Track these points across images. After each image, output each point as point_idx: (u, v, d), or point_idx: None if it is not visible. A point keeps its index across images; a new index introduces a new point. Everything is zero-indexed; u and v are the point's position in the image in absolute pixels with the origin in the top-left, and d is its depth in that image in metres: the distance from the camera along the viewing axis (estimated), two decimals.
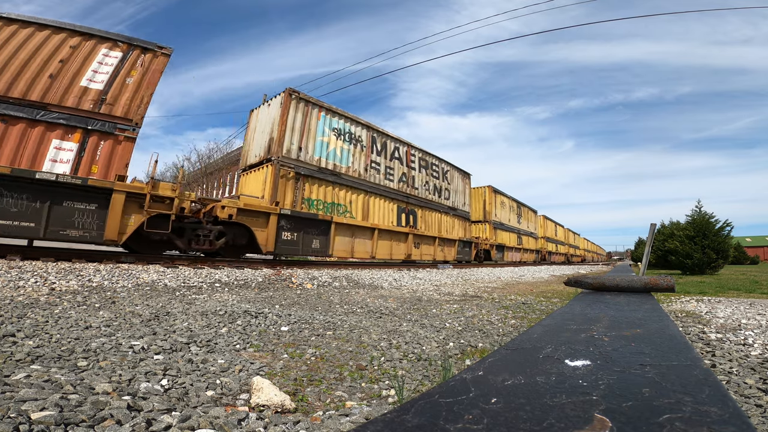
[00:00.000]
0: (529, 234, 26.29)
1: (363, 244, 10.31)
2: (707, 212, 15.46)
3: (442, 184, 15.17)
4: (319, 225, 8.99)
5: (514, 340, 1.28)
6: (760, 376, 1.91)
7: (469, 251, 16.31)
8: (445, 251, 14.37)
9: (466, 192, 17.12)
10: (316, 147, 9.56)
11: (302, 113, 9.25)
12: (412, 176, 13.21)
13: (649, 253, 6.47)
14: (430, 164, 14.45)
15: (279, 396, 1.44)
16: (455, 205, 15.99)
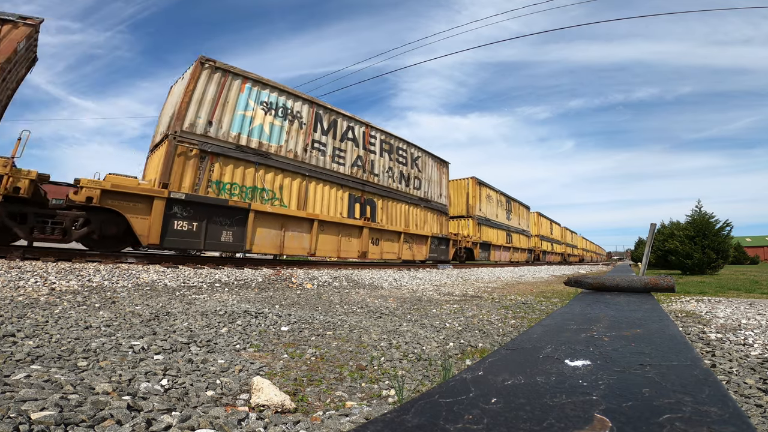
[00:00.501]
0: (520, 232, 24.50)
1: (298, 238, 8.58)
2: (707, 212, 15.48)
3: (411, 171, 13.09)
4: (231, 214, 7.35)
5: (514, 340, 1.28)
6: (760, 376, 1.91)
7: (445, 249, 14.35)
8: (414, 249, 12.42)
9: (442, 183, 15.00)
10: (235, 122, 8.01)
11: (217, 84, 7.81)
12: (370, 160, 11.18)
13: (649, 253, 6.47)
14: (395, 148, 12.45)
15: (279, 396, 1.44)
16: (428, 197, 13.90)
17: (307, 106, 9.72)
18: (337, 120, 10.46)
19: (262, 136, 8.51)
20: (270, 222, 8.10)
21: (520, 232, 24.74)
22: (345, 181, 10.37)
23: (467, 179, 18.60)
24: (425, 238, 13.13)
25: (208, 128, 7.54)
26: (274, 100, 8.95)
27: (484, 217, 19.12)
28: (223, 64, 8.04)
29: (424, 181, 13.91)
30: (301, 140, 9.39)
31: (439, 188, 14.87)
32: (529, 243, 26.34)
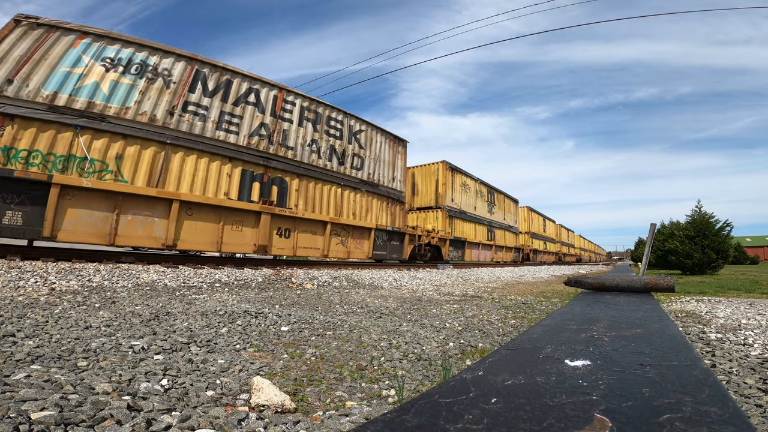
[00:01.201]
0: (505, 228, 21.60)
1: (146, 224, 6.58)
2: (707, 212, 15.48)
3: (349, 147, 10.62)
4: (22, 188, 5.55)
5: (514, 340, 1.28)
6: (760, 376, 1.91)
7: (399, 246, 11.66)
8: (350, 245, 9.84)
9: (397, 164, 12.30)
10: (52, 80, 6.51)
11: (34, 40, 6.51)
12: (282, 130, 8.96)
13: (649, 253, 6.47)
14: (324, 118, 10.10)
15: (279, 396, 1.44)
16: (375, 179, 11.33)
17: (183, 63, 7.97)
18: (231, 81, 8.51)
19: (95, 95, 6.82)
20: (94, 201, 6.12)
21: (506, 228, 21.74)
22: (237, 153, 8.21)
23: (437, 164, 15.37)
24: (367, 231, 10.30)
25: (5, 87, 6.06)
26: (127, 55, 7.37)
27: (458, 209, 16.07)
28: (52, 20, 6.70)
29: (369, 161, 11.17)
30: (165, 101, 7.53)
31: (392, 170, 12.00)
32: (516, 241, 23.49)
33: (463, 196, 16.89)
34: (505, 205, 22.33)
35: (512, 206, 23.58)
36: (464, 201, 16.92)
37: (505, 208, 22.29)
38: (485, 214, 19.16)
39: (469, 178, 17.68)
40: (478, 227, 18.08)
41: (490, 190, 20.11)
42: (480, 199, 18.68)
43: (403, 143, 12.99)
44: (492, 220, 19.95)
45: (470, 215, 17.39)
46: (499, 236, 20.66)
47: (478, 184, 18.62)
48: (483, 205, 19.03)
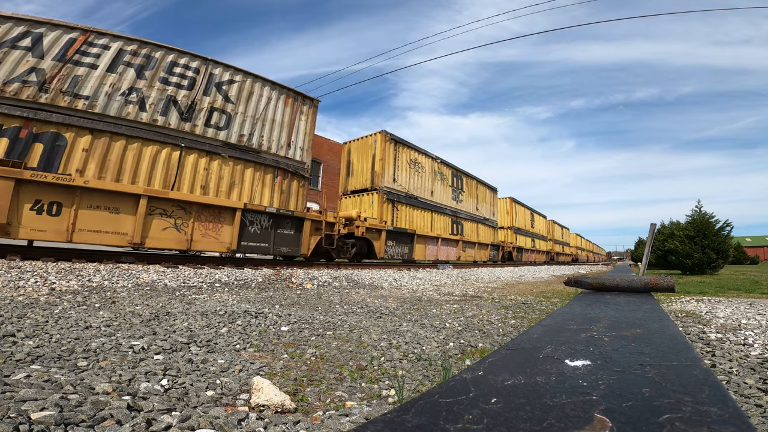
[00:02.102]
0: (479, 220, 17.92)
1: None
2: (707, 212, 15.49)
3: (205, 99, 8.08)
4: None
5: (514, 340, 1.28)
6: (760, 376, 1.91)
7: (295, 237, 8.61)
8: (194, 230, 7.11)
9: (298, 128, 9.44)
10: None
11: None
12: (73, 76, 6.69)
13: (649, 253, 6.47)
14: (162, 64, 7.69)
15: (279, 396, 1.44)
16: (255, 144, 8.55)
17: None
18: None
19: None
20: None
21: (479, 221, 18.19)
22: None
23: (375, 135, 12.11)
24: (229, 213, 7.52)
25: None
26: None
27: (404, 193, 12.63)
28: None
29: (243, 119, 8.47)
30: None
31: (288, 134, 9.10)
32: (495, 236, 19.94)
33: (414, 177, 13.35)
34: (479, 192, 18.43)
35: (489, 195, 19.78)
36: (415, 183, 13.37)
37: (479, 196, 18.42)
38: (448, 201, 15.45)
39: (422, 156, 13.95)
40: (437, 217, 14.49)
41: (456, 174, 16.22)
42: (441, 183, 14.98)
43: (309, 102, 9.66)
44: (458, 210, 16.09)
45: (425, 202, 13.71)
46: (469, 230, 16.89)
47: (437, 164, 14.82)
48: (445, 190, 15.21)
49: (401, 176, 12.87)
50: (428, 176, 14.47)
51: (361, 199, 12.34)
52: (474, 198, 18.20)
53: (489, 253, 18.84)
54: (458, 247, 15.73)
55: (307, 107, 9.90)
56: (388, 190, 12.10)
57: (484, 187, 19.62)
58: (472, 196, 18.07)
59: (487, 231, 19.21)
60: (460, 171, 16.96)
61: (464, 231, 16.62)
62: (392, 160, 12.47)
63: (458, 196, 16.65)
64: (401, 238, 12.18)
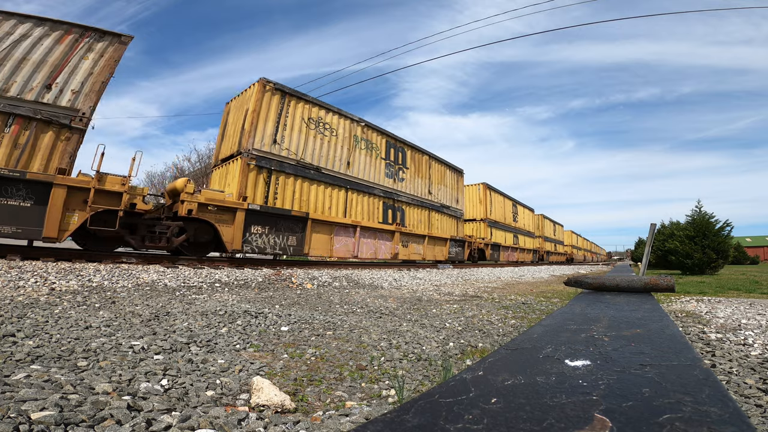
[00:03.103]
0: (431, 206, 13.89)
1: None
2: (707, 212, 15.49)
3: None
4: None
5: (514, 340, 1.28)
6: (760, 376, 1.91)
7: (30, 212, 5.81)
8: None
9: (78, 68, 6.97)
10: None
11: None
12: None
13: (649, 253, 6.47)
14: None
15: (279, 396, 1.44)
16: None
17: None
18: None
19: None
20: None
21: (435, 208, 14.11)
22: None
23: (253, 86, 8.97)
24: None
25: None
26: None
27: (294, 161, 9.12)
28: None
29: None
30: None
31: (45, 74, 6.67)
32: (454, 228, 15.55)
33: (316, 142, 9.70)
34: (433, 172, 14.49)
35: (451, 178, 15.75)
36: (316, 150, 9.68)
37: (433, 177, 14.46)
38: (380, 179, 11.66)
39: (333, 115, 10.32)
40: (358, 199, 10.68)
41: (394, 145, 12.49)
42: (368, 154, 11.29)
43: (110, 38, 7.36)
44: (397, 192, 12.24)
45: (334, 176, 10.04)
46: (414, 219, 12.97)
47: (361, 129, 11.07)
48: (374, 164, 11.52)
49: (291, 138, 9.09)
50: (343, 143, 10.47)
51: (227, 169, 8.98)
52: (425, 178, 13.89)
53: (446, 249, 14.51)
54: (394, 240, 11.49)
55: (104, 44, 7.38)
56: (260, 155, 8.38)
57: (442, 166, 15.04)
58: (422, 175, 13.74)
59: (446, 222, 14.97)
60: (401, 142, 12.84)
61: (406, 219, 12.43)
62: (273, 116, 8.84)
63: (397, 173, 12.44)
64: (283, 223, 8.47)
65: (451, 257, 15.05)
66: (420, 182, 13.73)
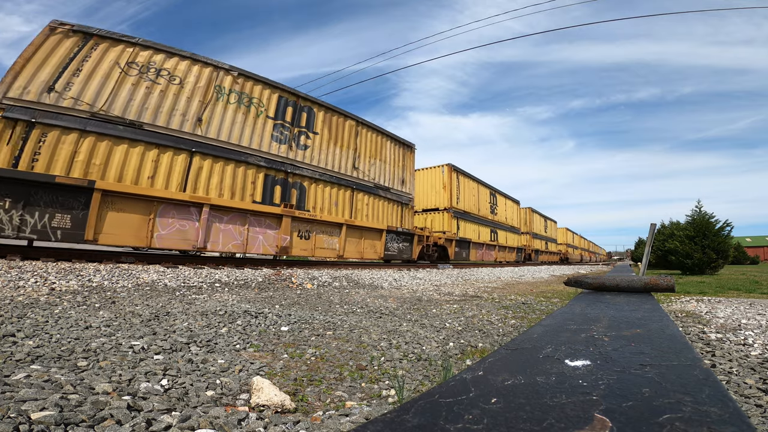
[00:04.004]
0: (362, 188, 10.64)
1: None
2: (707, 212, 15.50)
3: None
4: None
5: (514, 340, 1.28)
6: (760, 376, 1.91)
7: None
8: None
9: None
10: None
11: None
12: None
13: (649, 253, 6.47)
14: None
15: (279, 396, 1.44)
16: None
17: None
18: None
19: None
20: None
21: (364, 189, 10.72)
22: None
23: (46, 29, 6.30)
24: None
25: None
26: None
27: (91, 116, 6.45)
28: None
29: None
30: None
31: None
32: (400, 219, 12.00)
33: (137, 93, 7.07)
34: (361, 142, 10.97)
35: (392, 152, 12.12)
36: (136, 101, 6.99)
37: (362, 149, 10.93)
38: (265, 145, 8.54)
39: (181, 60, 7.67)
40: (219, 168, 7.68)
41: (294, 103, 9.26)
42: (245, 112, 8.36)
43: None
44: (297, 163, 9.02)
45: (169, 135, 7.21)
46: (321, 199, 9.46)
47: (233, 79, 8.28)
48: (255, 125, 8.47)
49: (87, 86, 6.58)
50: (193, 94, 7.72)
51: None
52: (347, 149, 10.46)
53: (382, 244, 10.84)
54: (283, 228, 8.19)
55: None
56: (14, 104, 5.92)
57: (378, 135, 11.63)
58: (343, 145, 10.36)
59: (383, 208, 11.40)
60: (307, 100, 9.66)
61: (308, 200, 9.14)
62: (57, 60, 6.46)
63: (296, 138, 9.19)
64: (43, 195, 5.78)
65: (390, 254, 11.25)
66: (339, 153, 10.16)
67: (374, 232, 10.83)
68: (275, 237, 8.24)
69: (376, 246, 10.84)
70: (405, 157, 12.91)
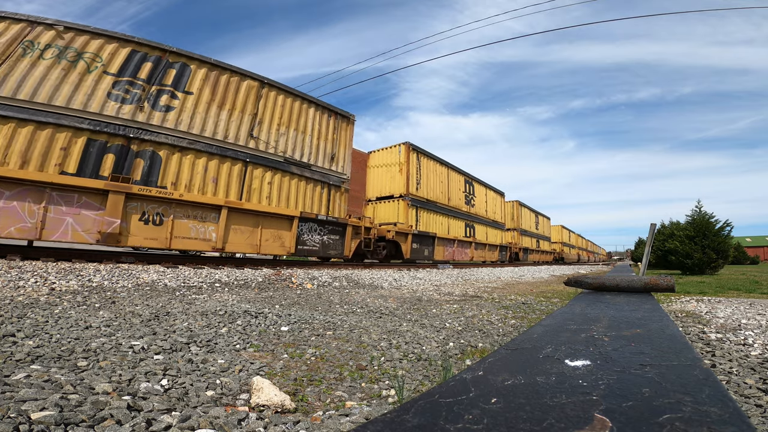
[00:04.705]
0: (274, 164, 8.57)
1: None
2: (707, 212, 15.50)
3: None
4: None
5: (514, 340, 1.28)
6: (760, 376, 1.91)
7: None
8: None
9: None
10: None
11: None
12: None
13: (649, 253, 6.48)
14: None
15: (279, 396, 1.44)
16: None
17: None
18: None
19: None
20: None
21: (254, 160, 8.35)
22: None
23: None
24: None
25: None
26: None
27: None
28: None
29: None
30: None
31: None
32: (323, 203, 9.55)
33: None
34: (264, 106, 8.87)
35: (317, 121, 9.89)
36: None
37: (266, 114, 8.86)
38: (95, 105, 6.74)
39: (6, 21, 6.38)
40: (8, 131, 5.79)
41: (156, 59, 7.61)
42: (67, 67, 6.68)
43: None
44: (148, 127, 7.14)
45: None
46: (189, 174, 7.43)
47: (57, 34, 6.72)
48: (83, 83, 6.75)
49: None
50: None
51: None
52: (240, 114, 8.35)
53: (293, 236, 8.48)
54: (110, 207, 6.33)
55: None
56: None
57: (294, 100, 9.44)
58: (234, 109, 8.30)
59: (297, 189, 9.02)
60: (181, 54, 7.90)
61: (167, 175, 7.23)
62: None
63: (155, 101, 7.39)
64: None
65: (308, 249, 8.85)
66: (227, 118, 8.13)
67: (280, 219, 8.37)
68: (96, 220, 6.20)
69: (283, 238, 8.42)
70: (339, 130, 10.46)
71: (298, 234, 8.68)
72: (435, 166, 15.01)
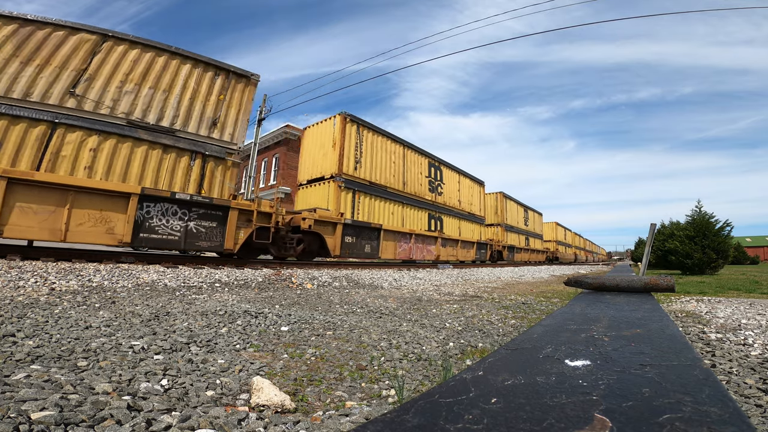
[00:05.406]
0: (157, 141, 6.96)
1: None
2: (707, 212, 15.50)
3: None
4: None
5: (514, 340, 1.28)
6: (760, 376, 1.91)
7: None
8: None
9: None
10: None
11: None
12: None
13: (649, 253, 6.48)
14: None
15: (279, 396, 1.44)
16: None
17: None
18: None
19: None
20: None
21: (122, 131, 6.80)
22: None
23: None
24: None
25: None
26: None
27: None
28: None
29: None
30: None
31: None
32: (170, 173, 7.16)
33: None
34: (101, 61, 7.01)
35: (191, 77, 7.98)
36: None
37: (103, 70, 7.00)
38: None
39: None
40: None
41: None
42: None
43: None
44: None
45: None
46: None
47: None
48: None
49: None
50: None
51: None
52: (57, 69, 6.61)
53: (128, 222, 6.23)
54: None
55: None
56: None
57: (151, 53, 7.64)
58: (50, 64, 6.57)
59: (146, 159, 7.07)
60: None
61: None
62: None
63: None
64: None
65: (160, 240, 6.64)
66: (31, 73, 6.36)
67: (106, 197, 6.15)
68: None
69: (111, 222, 6.17)
70: (230, 91, 8.49)
71: (138, 218, 6.38)
72: (384, 142, 11.94)
